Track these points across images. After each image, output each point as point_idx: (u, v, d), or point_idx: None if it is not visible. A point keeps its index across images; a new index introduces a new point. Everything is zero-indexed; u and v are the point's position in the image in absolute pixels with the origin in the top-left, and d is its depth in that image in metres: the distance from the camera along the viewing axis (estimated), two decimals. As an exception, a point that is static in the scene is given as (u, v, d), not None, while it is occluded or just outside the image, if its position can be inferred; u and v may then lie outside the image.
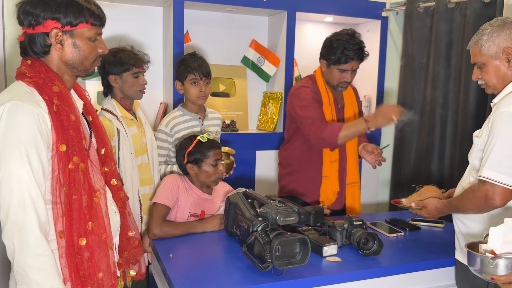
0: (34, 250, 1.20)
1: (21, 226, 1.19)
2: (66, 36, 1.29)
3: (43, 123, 1.23)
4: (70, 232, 1.27)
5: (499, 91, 1.61)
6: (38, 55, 1.31)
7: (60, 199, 1.26)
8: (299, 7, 3.07)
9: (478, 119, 2.69)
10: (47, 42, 1.29)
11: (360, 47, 2.24)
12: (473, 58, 1.65)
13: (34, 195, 1.21)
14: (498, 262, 1.30)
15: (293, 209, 1.71)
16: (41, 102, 1.25)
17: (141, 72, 2.17)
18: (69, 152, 1.28)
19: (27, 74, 1.28)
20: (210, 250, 1.82)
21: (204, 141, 2.07)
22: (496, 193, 1.47)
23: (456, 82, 2.88)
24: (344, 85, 2.33)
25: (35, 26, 1.27)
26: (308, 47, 3.41)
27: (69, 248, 1.28)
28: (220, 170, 2.08)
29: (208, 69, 2.36)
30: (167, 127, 2.32)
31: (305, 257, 1.56)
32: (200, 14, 3.08)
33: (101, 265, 1.34)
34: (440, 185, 1.94)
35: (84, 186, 1.31)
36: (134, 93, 2.16)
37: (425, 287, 1.77)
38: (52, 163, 1.25)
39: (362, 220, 1.87)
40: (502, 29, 1.56)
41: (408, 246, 1.89)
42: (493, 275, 1.32)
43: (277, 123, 3.19)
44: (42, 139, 1.22)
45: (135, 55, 2.16)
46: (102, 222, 1.35)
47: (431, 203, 1.77)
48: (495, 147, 1.48)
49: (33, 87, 1.26)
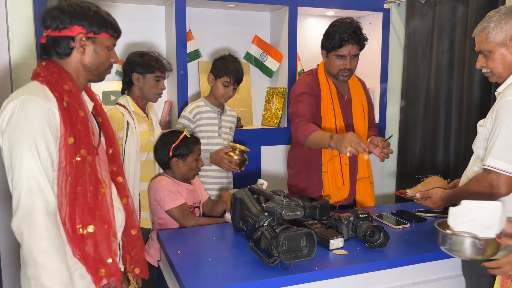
0: (42, 234, 1.26)
1: (30, 211, 1.26)
2: (88, 42, 1.41)
3: (52, 116, 1.31)
4: (73, 221, 1.33)
5: (504, 80, 1.60)
6: (60, 56, 1.41)
7: (66, 190, 1.32)
8: (300, 2, 3.07)
9: (482, 108, 2.68)
10: (70, 45, 1.40)
11: (354, 30, 2.18)
12: (479, 45, 1.63)
13: (42, 182, 1.27)
14: (456, 240, 1.42)
15: (298, 203, 1.72)
16: (51, 98, 1.33)
17: (162, 78, 2.31)
18: (77, 145, 1.35)
19: (41, 74, 1.38)
20: (218, 245, 1.84)
21: (189, 136, 2.22)
22: (501, 182, 1.48)
23: (459, 72, 2.87)
24: (345, 73, 2.25)
25: (61, 30, 1.38)
26: (310, 41, 3.40)
27: (74, 235, 1.33)
28: (200, 164, 2.24)
29: (242, 76, 2.52)
30: (190, 113, 2.50)
31: (311, 251, 1.57)
32: (202, 11, 3.08)
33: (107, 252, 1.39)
34: (445, 175, 1.95)
35: (90, 177, 1.38)
36: (152, 95, 2.30)
37: (432, 278, 1.78)
38: (60, 155, 1.32)
39: (368, 213, 1.87)
40: (510, 17, 1.54)
41: (414, 237, 1.89)
42: (454, 251, 1.44)
43: (282, 119, 3.19)
44: (51, 131, 1.30)
45: (160, 60, 2.31)
46: (107, 213, 1.41)
47: (436, 193, 1.78)
48: (499, 136, 1.48)
49: (46, 85, 1.36)
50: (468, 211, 1.42)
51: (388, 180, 3.59)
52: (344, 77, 2.28)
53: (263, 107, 3.37)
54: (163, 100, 3.04)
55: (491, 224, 1.39)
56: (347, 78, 2.31)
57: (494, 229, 1.39)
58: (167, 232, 2.00)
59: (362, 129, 2.38)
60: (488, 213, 1.39)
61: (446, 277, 1.80)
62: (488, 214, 1.39)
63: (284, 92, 3.15)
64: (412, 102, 3.25)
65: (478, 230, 1.40)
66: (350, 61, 2.22)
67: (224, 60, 2.51)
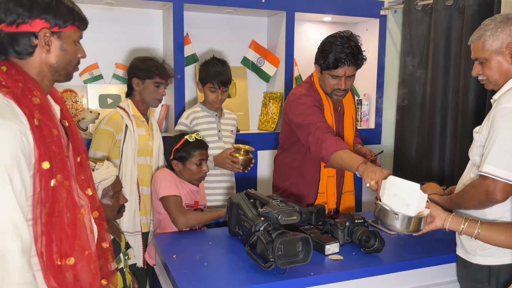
0: (17, 279, 1.13)
1: (3, 254, 1.12)
2: (53, 37, 1.23)
3: (25, 140, 1.14)
4: (50, 252, 1.21)
5: (500, 87, 1.60)
6: (20, 55, 1.22)
7: (41, 218, 1.19)
8: (297, 8, 3.08)
9: (478, 115, 2.69)
10: (32, 42, 1.21)
11: (352, 51, 2.01)
12: (475, 53, 1.63)
13: (17, 220, 1.13)
14: (380, 209, 1.59)
15: (294, 208, 1.72)
16: (21, 117, 1.15)
17: (163, 84, 2.32)
18: (53, 170, 1.20)
19: (3, 83, 1.18)
20: (213, 250, 1.83)
21: (191, 140, 2.18)
22: (497, 188, 1.48)
23: (455, 78, 2.89)
24: (339, 93, 2.12)
25: (19, 25, 1.18)
26: (307, 47, 3.42)
27: (51, 267, 1.21)
28: (203, 170, 2.20)
29: (227, 76, 2.49)
30: (187, 119, 2.49)
31: (307, 256, 1.57)
32: (199, 16, 3.09)
33: (87, 281, 1.30)
34: (441, 182, 1.95)
35: (67, 203, 1.24)
36: (151, 100, 2.32)
37: (427, 283, 1.78)
38: (34, 181, 1.17)
39: (364, 218, 1.87)
40: (506, 25, 1.55)
41: (409, 243, 1.90)
42: (378, 219, 1.62)
43: (278, 123, 3.20)
44: (25, 158, 1.14)
45: (162, 67, 2.31)
46: (86, 239, 1.30)
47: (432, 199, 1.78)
48: (495, 143, 1.49)
49: (11, 98, 1.16)
50: (392, 186, 1.58)
51: (384, 186, 3.60)
52: (338, 96, 2.15)
53: (260, 112, 3.37)
54: (160, 104, 3.04)
55: (409, 202, 1.53)
56: (341, 97, 2.18)
57: (412, 208, 1.53)
58: (163, 236, 2.00)
59: (350, 141, 2.33)
60: (408, 192, 1.54)
61: (441, 282, 1.81)
62: (408, 193, 1.54)
63: (281, 96, 3.15)
64: (408, 108, 3.27)
65: (398, 205, 1.55)
66: (345, 82, 2.08)
67: (206, 65, 2.50)
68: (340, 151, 1.89)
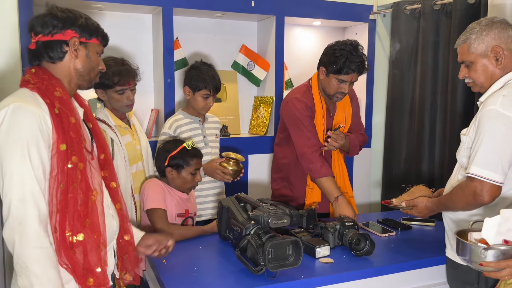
0: (33, 243, 1.25)
1: (22, 220, 1.25)
2: (81, 46, 1.44)
3: (44, 123, 1.31)
4: (63, 228, 1.33)
5: (486, 89, 1.63)
6: (53, 60, 1.41)
7: (57, 197, 1.32)
8: (287, 12, 3.10)
9: (466, 118, 2.72)
10: (64, 49, 1.41)
11: (362, 60, 2.21)
12: (461, 56, 1.66)
13: (35, 190, 1.27)
14: (489, 253, 1.29)
15: (285, 211, 1.72)
16: (43, 105, 1.33)
17: (126, 89, 2.13)
18: (69, 152, 1.35)
19: (30, 81, 1.38)
20: (204, 254, 1.82)
21: (189, 148, 2.12)
22: (484, 189, 1.49)
23: (443, 82, 2.92)
24: (340, 95, 2.28)
25: (54, 34, 1.40)
26: (297, 51, 3.43)
27: (63, 243, 1.33)
28: (197, 179, 2.16)
29: (220, 83, 2.44)
30: (170, 129, 2.40)
31: (298, 259, 1.57)
32: (189, 20, 3.09)
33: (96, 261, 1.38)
34: (430, 184, 1.96)
35: (81, 185, 1.37)
36: (120, 108, 2.16)
37: (417, 285, 1.79)
38: (52, 162, 1.32)
39: (354, 221, 1.88)
40: (491, 28, 1.58)
41: (400, 245, 1.91)
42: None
43: (269, 127, 3.20)
44: (43, 138, 1.30)
45: (120, 72, 2.10)
46: (97, 221, 1.40)
47: (421, 202, 1.79)
48: (482, 144, 1.50)
49: (36, 92, 1.36)
50: (506, 221, 1.30)
51: (374, 190, 3.61)
52: (338, 98, 2.30)
53: (251, 116, 3.38)
54: (150, 108, 3.03)
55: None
56: (341, 99, 2.33)
57: None
58: (153, 241, 1.98)
59: None
60: None
61: (431, 284, 1.82)
62: None
63: (272, 100, 3.16)
64: (397, 112, 3.29)
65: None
66: (348, 86, 2.25)
67: (198, 70, 2.39)
68: (322, 178, 2.19)
